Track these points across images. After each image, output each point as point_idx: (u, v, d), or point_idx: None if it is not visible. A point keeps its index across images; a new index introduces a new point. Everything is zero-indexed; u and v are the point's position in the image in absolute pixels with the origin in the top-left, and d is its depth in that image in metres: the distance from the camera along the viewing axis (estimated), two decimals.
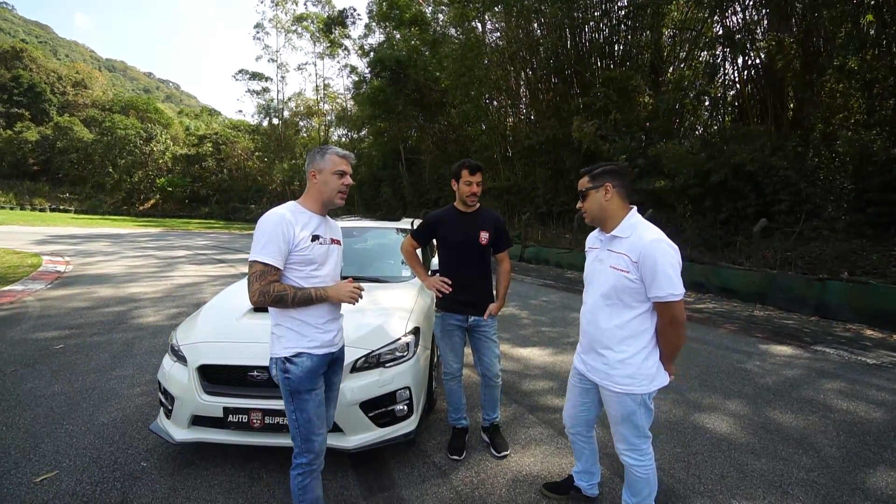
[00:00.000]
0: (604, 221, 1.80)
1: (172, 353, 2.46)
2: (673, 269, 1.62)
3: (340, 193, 1.81)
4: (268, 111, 44.95)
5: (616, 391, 1.75)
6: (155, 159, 50.60)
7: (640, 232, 1.69)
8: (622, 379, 1.74)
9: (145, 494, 2.15)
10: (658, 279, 1.61)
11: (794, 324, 5.99)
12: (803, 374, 4.01)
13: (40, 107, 52.47)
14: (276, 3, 40.60)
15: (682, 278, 1.66)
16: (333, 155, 1.79)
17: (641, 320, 1.72)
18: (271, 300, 1.64)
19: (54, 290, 7.04)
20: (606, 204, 1.76)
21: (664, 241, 1.65)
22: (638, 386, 1.72)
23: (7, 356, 4.04)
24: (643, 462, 1.79)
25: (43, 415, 2.95)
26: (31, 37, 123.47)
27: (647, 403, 1.76)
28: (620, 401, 1.76)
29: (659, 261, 1.61)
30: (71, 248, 13.55)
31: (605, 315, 1.77)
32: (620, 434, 1.81)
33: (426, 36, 22.43)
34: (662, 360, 1.76)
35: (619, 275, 1.70)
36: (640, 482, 1.81)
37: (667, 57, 14.90)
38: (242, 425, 2.21)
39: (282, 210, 1.74)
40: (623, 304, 1.72)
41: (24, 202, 43.26)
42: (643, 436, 1.79)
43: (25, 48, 58.80)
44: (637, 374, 1.72)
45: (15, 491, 2.17)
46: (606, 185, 1.75)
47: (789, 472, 2.45)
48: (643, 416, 1.76)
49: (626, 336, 1.73)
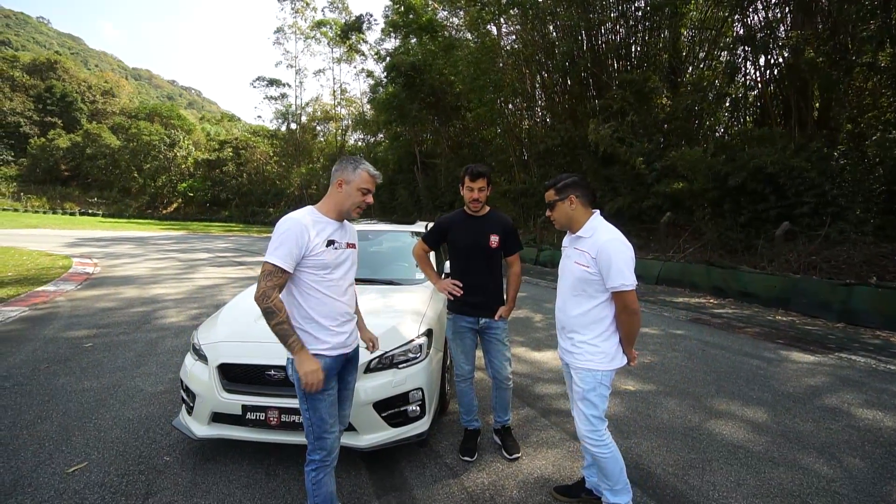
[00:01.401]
0: (571, 226, 2.04)
1: (194, 352, 2.56)
2: (626, 263, 1.85)
3: (359, 209, 1.88)
4: (286, 116, 45.90)
5: (578, 366, 1.98)
6: (178, 164, 52.14)
7: (599, 233, 1.94)
8: (584, 356, 1.97)
9: (168, 487, 2.24)
10: (612, 272, 1.85)
11: (818, 330, 5.81)
12: (827, 382, 3.89)
13: (71, 115, 54.74)
14: (297, 11, 41.52)
15: (701, 281, 1.77)
16: (365, 172, 1.85)
17: (601, 308, 1.95)
18: (264, 308, 1.68)
19: (83, 291, 7.33)
20: (572, 212, 2.00)
21: (619, 239, 1.89)
22: (598, 363, 1.94)
23: (41, 353, 4.24)
24: (603, 441, 1.93)
25: (74, 409, 3.10)
26: (63, 48, 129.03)
27: (605, 383, 1.95)
28: (581, 377, 1.97)
29: (613, 257, 1.84)
30: (99, 250, 14.09)
31: (572, 304, 2.02)
32: (582, 413, 1.97)
33: (441, 40, 22.58)
34: (622, 344, 1.99)
35: (581, 269, 1.95)
36: (608, 462, 1.92)
37: (685, 57, 14.67)
38: (260, 423, 2.28)
39: (299, 215, 1.79)
40: (586, 295, 1.96)
41: (57, 206, 45.11)
42: (599, 417, 1.95)
43: (59, 59, 61.47)
44: (597, 352, 1.95)
45: (49, 480, 2.29)
46: (571, 197, 1.98)
47: (809, 481, 2.39)
48: (601, 394, 1.95)
49: (589, 322, 1.97)
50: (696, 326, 5.78)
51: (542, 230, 15.94)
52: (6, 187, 46.81)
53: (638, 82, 13.08)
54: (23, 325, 5.21)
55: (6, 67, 53.24)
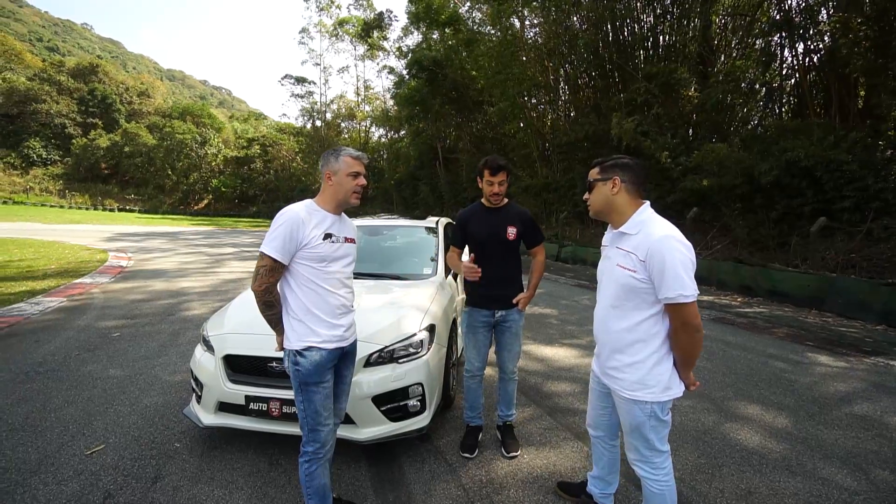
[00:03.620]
0: (609, 216, 1.72)
1: (203, 343, 2.64)
2: (684, 267, 1.48)
3: (355, 194, 1.88)
4: (311, 114, 46.79)
5: (625, 396, 1.67)
6: (208, 162, 54.03)
7: (649, 228, 1.58)
8: (631, 384, 1.65)
9: (175, 473, 2.33)
10: (667, 279, 1.49)
11: (854, 332, 5.48)
12: (858, 387, 3.66)
13: (111, 115, 57.45)
14: (322, 8, 42.07)
15: (728, 279, 1.58)
16: (347, 157, 1.86)
17: (652, 323, 1.61)
18: (265, 300, 1.80)
19: (117, 284, 7.71)
20: (613, 198, 1.67)
21: (675, 237, 1.52)
22: (648, 393, 1.62)
23: (74, 341, 4.49)
24: (657, 476, 1.68)
25: (97, 395, 3.26)
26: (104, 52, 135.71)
27: (659, 415, 1.64)
28: (629, 409, 1.67)
29: (668, 259, 1.48)
30: (133, 244, 14.78)
31: (614, 317, 1.68)
32: (631, 444, 1.72)
33: (462, 35, 22.43)
34: (678, 368, 1.64)
35: (626, 274, 1.60)
36: (655, 497, 1.70)
37: (717, 46, 14.02)
38: (262, 413, 2.33)
39: (297, 208, 1.82)
40: (632, 306, 1.62)
41: (98, 203, 47.60)
42: (655, 449, 1.67)
43: (100, 63, 64.56)
44: (646, 379, 1.62)
45: (70, 461, 2.42)
46: (615, 179, 1.67)
47: (829, 493, 2.25)
48: (653, 427, 1.64)
49: (635, 340, 1.63)
50: (719, 326, 5.55)
51: (564, 226, 15.67)
52: (53, 185, 49.71)
53: (664, 74, 12.62)
54: (60, 315, 5.52)
55: (53, 72, 56.38)
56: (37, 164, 50.50)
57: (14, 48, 54.98)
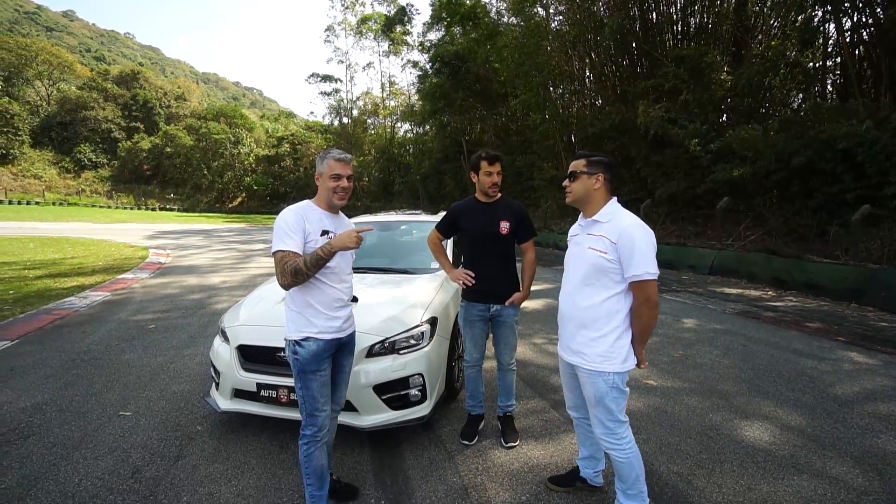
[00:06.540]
0: (585, 206, 1.91)
1: (221, 334, 2.84)
2: (649, 249, 1.72)
3: (336, 195, 1.98)
4: (338, 111, 47.59)
5: (589, 370, 1.84)
6: (241, 161, 56.05)
7: (618, 218, 1.82)
8: (595, 357, 1.83)
9: (196, 452, 2.54)
10: (635, 259, 1.71)
11: (895, 327, 5.15)
12: (888, 386, 3.47)
13: (152, 119, 60.54)
14: (347, 7, 42.58)
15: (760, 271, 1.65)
16: (330, 160, 1.97)
17: (616, 300, 1.81)
18: (291, 277, 1.79)
19: (155, 279, 8.23)
20: (594, 192, 1.87)
21: (641, 224, 1.77)
22: (609, 364, 1.80)
23: (114, 333, 4.88)
24: (620, 445, 1.83)
25: (133, 382, 3.55)
26: (145, 59, 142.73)
27: (619, 385, 1.81)
28: (594, 381, 1.83)
29: (637, 241, 1.72)
30: (171, 242, 15.65)
31: (583, 295, 1.87)
32: (597, 418, 1.87)
33: (483, 27, 22.18)
34: (633, 344, 1.84)
35: (597, 255, 1.80)
36: (624, 466, 1.84)
37: (753, 24, 13.25)
38: (272, 399, 2.50)
39: (295, 206, 1.97)
40: (600, 285, 1.82)
41: (141, 203, 50.42)
42: (617, 419, 1.83)
43: (141, 70, 68.13)
44: (609, 352, 1.81)
45: (106, 440, 2.68)
46: (599, 175, 1.87)
47: (835, 493, 2.18)
48: (615, 399, 1.81)
49: (601, 315, 1.82)
50: (742, 320, 5.34)
51: None
52: (101, 187, 53.03)
53: (694, 57, 12.06)
54: (104, 308, 5.98)
55: (100, 80, 59.94)
56: (87, 168, 53.95)
57: (66, 60, 58.57)
